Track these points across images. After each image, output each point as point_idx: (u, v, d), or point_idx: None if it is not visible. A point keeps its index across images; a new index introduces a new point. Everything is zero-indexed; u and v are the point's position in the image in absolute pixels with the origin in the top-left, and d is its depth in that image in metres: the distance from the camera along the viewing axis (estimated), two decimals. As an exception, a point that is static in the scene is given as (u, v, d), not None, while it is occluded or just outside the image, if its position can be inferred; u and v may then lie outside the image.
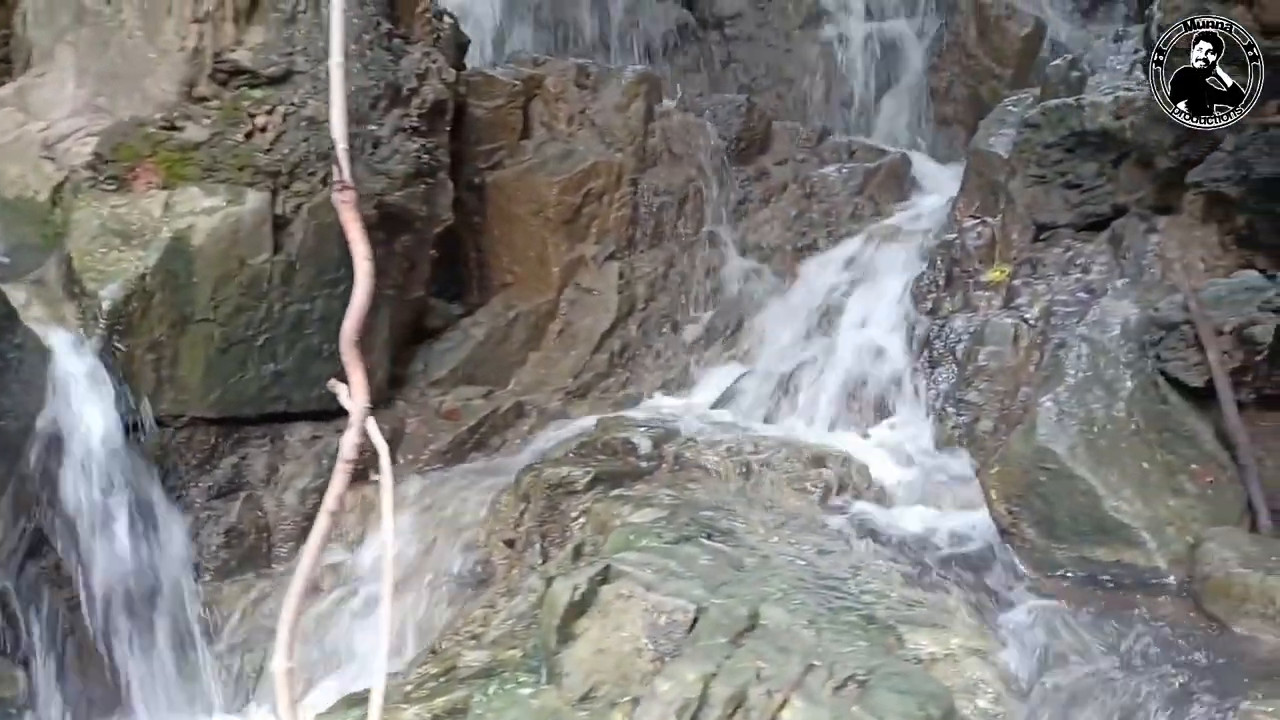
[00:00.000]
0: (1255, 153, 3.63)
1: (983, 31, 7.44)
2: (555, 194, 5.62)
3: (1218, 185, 3.82)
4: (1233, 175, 3.74)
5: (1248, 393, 3.20)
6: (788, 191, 6.45)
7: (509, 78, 5.86)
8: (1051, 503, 3.12)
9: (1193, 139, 4.03)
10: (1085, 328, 3.46)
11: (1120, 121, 4.47)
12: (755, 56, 8.10)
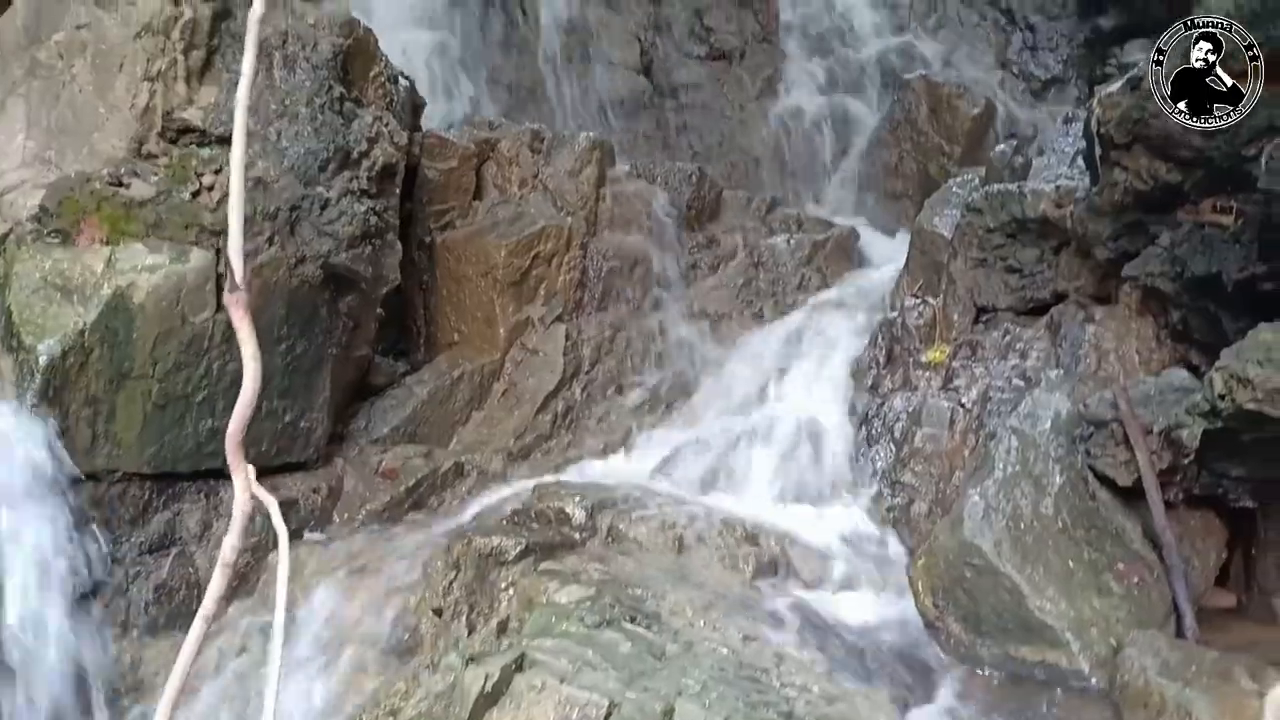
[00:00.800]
0: (1189, 251, 3.65)
1: (934, 110, 7.53)
2: (504, 256, 5.54)
3: (1153, 280, 3.83)
4: (1168, 271, 3.76)
5: (1176, 492, 3.18)
6: (736, 260, 6.42)
7: (463, 141, 5.81)
8: (977, 598, 3.05)
9: (1130, 232, 4.06)
10: (1016, 419, 3.42)
11: (1061, 210, 4.49)
12: (709, 125, 8.15)
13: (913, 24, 8.84)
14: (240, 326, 1.95)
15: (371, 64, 4.90)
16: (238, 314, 1.95)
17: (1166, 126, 3.62)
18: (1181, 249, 3.69)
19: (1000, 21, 9.08)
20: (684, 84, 8.25)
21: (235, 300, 1.95)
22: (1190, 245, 3.66)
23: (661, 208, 6.25)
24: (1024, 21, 9.00)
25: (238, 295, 1.95)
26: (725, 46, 8.41)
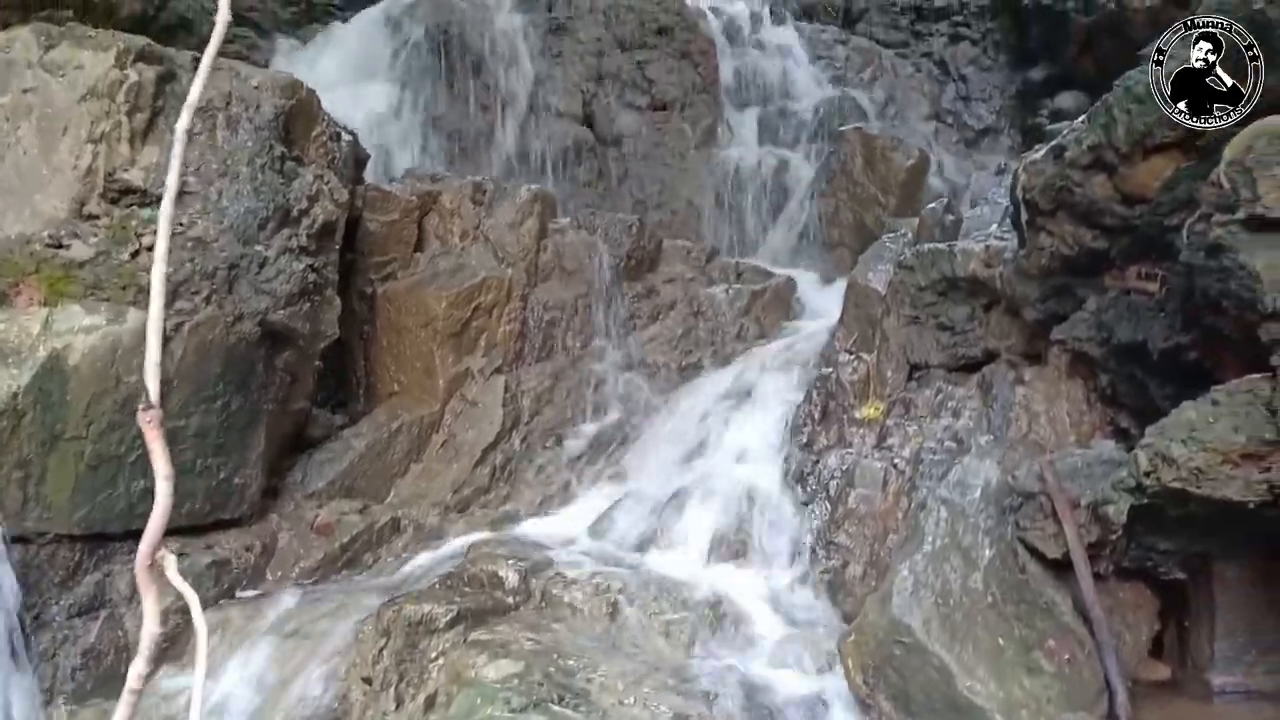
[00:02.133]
0: (1116, 317, 3.63)
1: (869, 161, 7.57)
2: (445, 307, 5.43)
3: (1080, 345, 3.81)
4: (1095, 337, 3.74)
5: (1106, 565, 3.13)
6: (675, 310, 6.38)
7: (405, 193, 5.71)
8: (906, 677, 2.96)
9: (1057, 295, 4.04)
10: (946, 489, 3.36)
11: (990, 270, 4.47)
12: (650, 174, 8.12)
13: (849, 76, 8.92)
14: (154, 447, 1.81)
15: (313, 124, 4.79)
16: (151, 434, 1.81)
17: (1090, 195, 3.61)
18: (1108, 315, 3.67)
19: (934, 73, 9.22)
20: (626, 134, 8.21)
21: (149, 419, 1.81)
22: (1116, 311, 3.64)
23: (602, 258, 6.18)
24: (957, 73, 9.14)
25: (152, 414, 1.81)
26: (666, 97, 8.40)
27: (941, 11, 9.41)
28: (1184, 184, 3.25)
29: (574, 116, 8.20)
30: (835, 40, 9.10)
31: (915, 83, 9.01)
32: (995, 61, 9.04)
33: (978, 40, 9.13)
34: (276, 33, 7.92)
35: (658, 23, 8.56)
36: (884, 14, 9.55)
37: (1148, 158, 3.35)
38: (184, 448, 4.10)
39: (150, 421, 1.81)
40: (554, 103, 8.13)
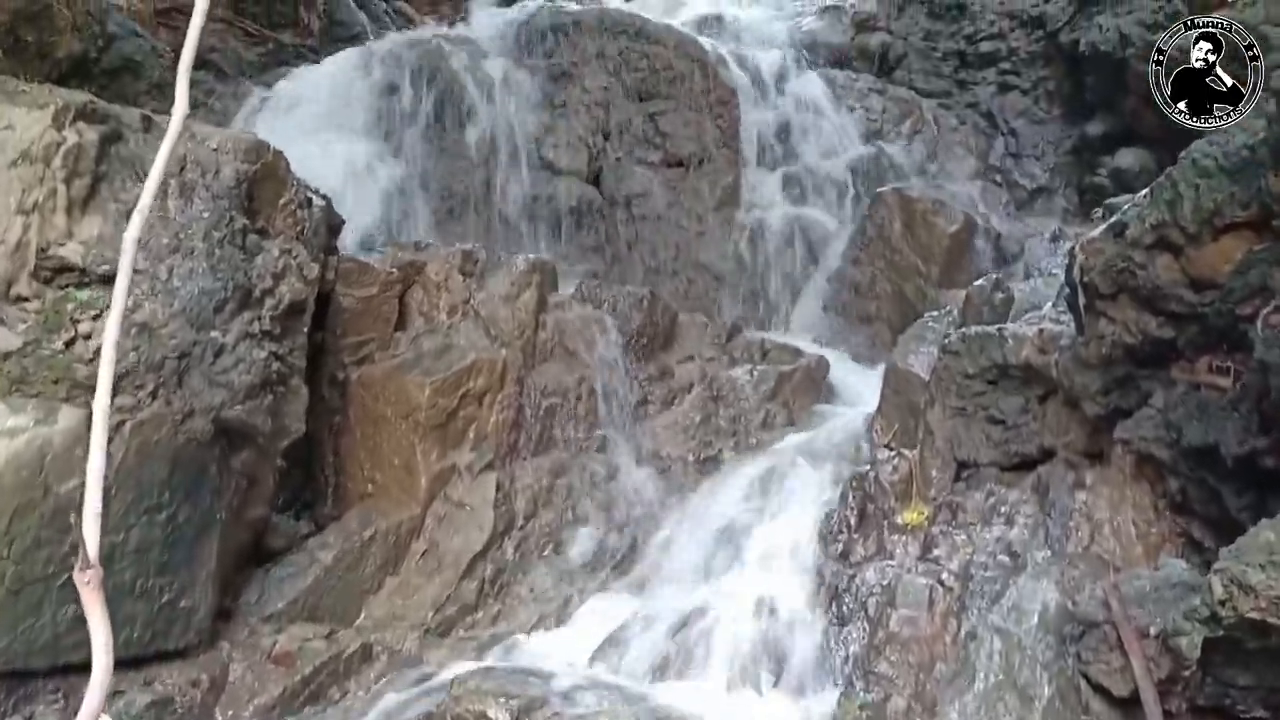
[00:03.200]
0: (1185, 415, 3.64)
1: (908, 225, 7.64)
2: (429, 394, 5.46)
3: (1146, 445, 3.81)
4: (1163, 437, 3.74)
5: (1179, 703, 3.09)
6: (693, 394, 6.41)
7: (385, 264, 5.78)
8: (959, 839, 2.92)
9: (1120, 387, 4.05)
10: (999, 616, 3.34)
11: (1045, 357, 4.50)
12: (664, 238, 8.20)
13: (886, 129, 9.04)
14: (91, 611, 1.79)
15: (281, 189, 4.86)
16: (89, 596, 1.80)
17: (1154, 278, 3.65)
18: (1176, 412, 3.68)
19: (980, 126, 9.33)
20: (636, 193, 8.31)
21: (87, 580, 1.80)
22: (1185, 409, 3.65)
23: (609, 336, 6.24)
24: (1006, 126, 9.25)
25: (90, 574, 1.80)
26: (682, 153, 8.52)
27: (988, 58, 9.55)
28: (1258, 268, 3.28)
29: (578, 174, 8.32)
30: (870, 90, 9.23)
31: (959, 137, 9.12)
32: (1048, 114, 9.15)
33: (1028, 90, 9.25)
34: (240, 77, 8.10)
35: (672, 70, 8.71)
36: (924, 61, 9.71)
37: (1218, 238, 3.39)
38: (122, 566, 4.07)
39: (89, 583, 1.80)
40: (556, 158, 8.26)
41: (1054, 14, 9.09)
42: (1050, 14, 9.13)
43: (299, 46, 8.66)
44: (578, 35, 8.73)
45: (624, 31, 8.75)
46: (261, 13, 8.76)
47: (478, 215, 7.81)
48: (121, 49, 6.34)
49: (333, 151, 7.34)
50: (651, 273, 8.04)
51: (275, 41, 8.64)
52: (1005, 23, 9.50)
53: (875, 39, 9.90)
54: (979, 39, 9.68)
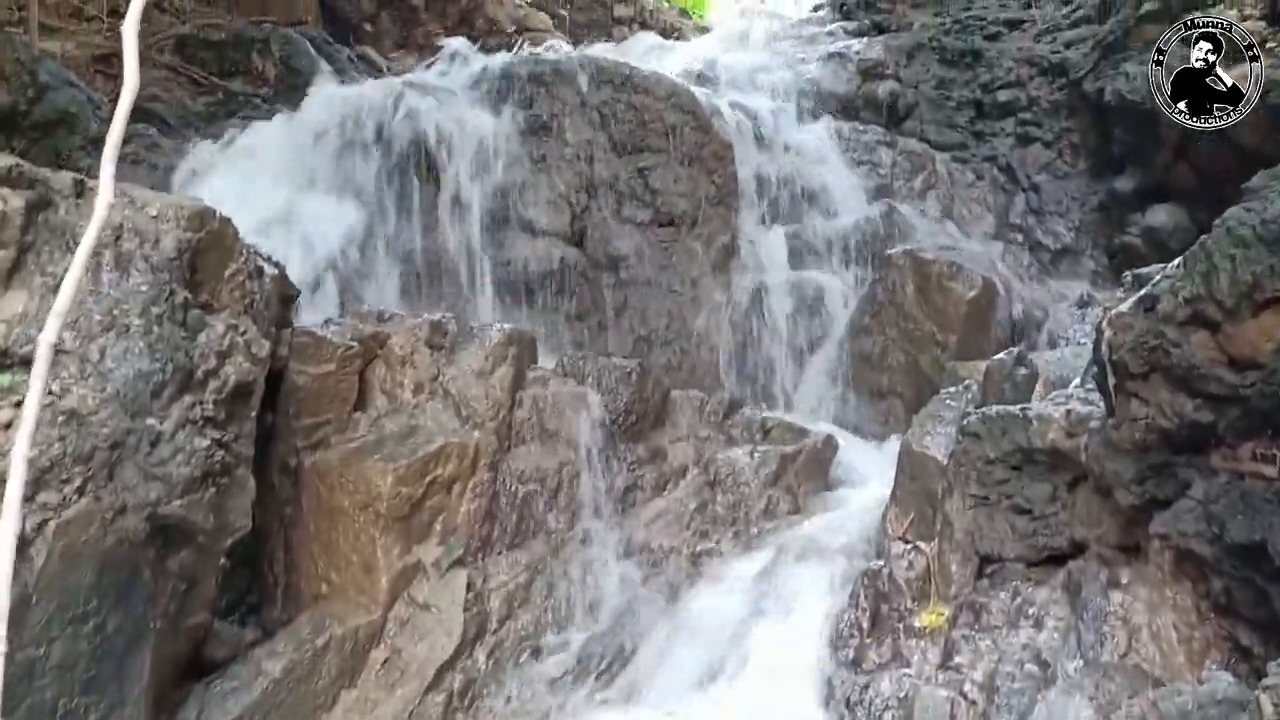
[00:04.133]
0: (1228, 508, 3.61)
1: (922, 290, 7.67)
2: (391, 482, 5.42)
3: (1187, 541, 3.78)
4: (1204, 531, 3.71)
5: (1228, 839, 3.03)
6: (687, 478, 6.40)
7: (344, 338, 5.76)
8: None
9: (1156, 475, 4.03)
10: (1029, 741, 3.28)
11: (1073, 441, 4.48)
12: (655, 305, 8.23)
13: (897, 184, 9.13)
14: None
15: (228, 259, 4.86)
16: None
17: (1190, 356, 3.64)
18: (1218, 505, 3.65)
19: (999, 181, 9.44)
20: (623, 255, 8.36)
21: None
22: (1228, 501, 3.62)
23: (593, 415, 6.23)
24: (1027, 181, 9.35)
25: None
26: (673, 211, 8.59)
27: (1006, 108, 9.71)
28: (1306, 348, 3.29)
29: (560, 234, 8.37)
30: (879, 142, 9.36)
31: (977, 193, 9.23)
32: (1073, 167, 9.28)
33: (1051, 142, 9.39)
34: (186, 129, 8.16)
35: (663, 122, 8.81)
36: (937, 110, 9.87)
37: (1258, 314, 3.39)
38: (42, 684, 3.96)
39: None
40: (535, 217, 8.32)
41: (1076, 61, 9.25)
42: (1073, 61, 9.28)
43: (252, 96, 8.76)
44: (559, 84, 8.82)
45: (609, 81, 8.85)
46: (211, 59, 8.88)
47: (448, 280, 7.83)
48: (54, 100, 6.36)
49: (289, 212, 7.37)
50: (641, 343, 8.06)
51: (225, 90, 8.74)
52: (1024, 70, 9.67)
53: (883, 88, 10.06)
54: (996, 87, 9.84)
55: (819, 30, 11.80)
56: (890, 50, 10.43)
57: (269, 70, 9.11)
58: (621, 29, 14.19)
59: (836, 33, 11.56)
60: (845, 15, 12.23)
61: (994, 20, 10.57)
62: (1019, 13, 10.55)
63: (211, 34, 9.36)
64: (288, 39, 9.47)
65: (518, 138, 8.58)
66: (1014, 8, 10.66)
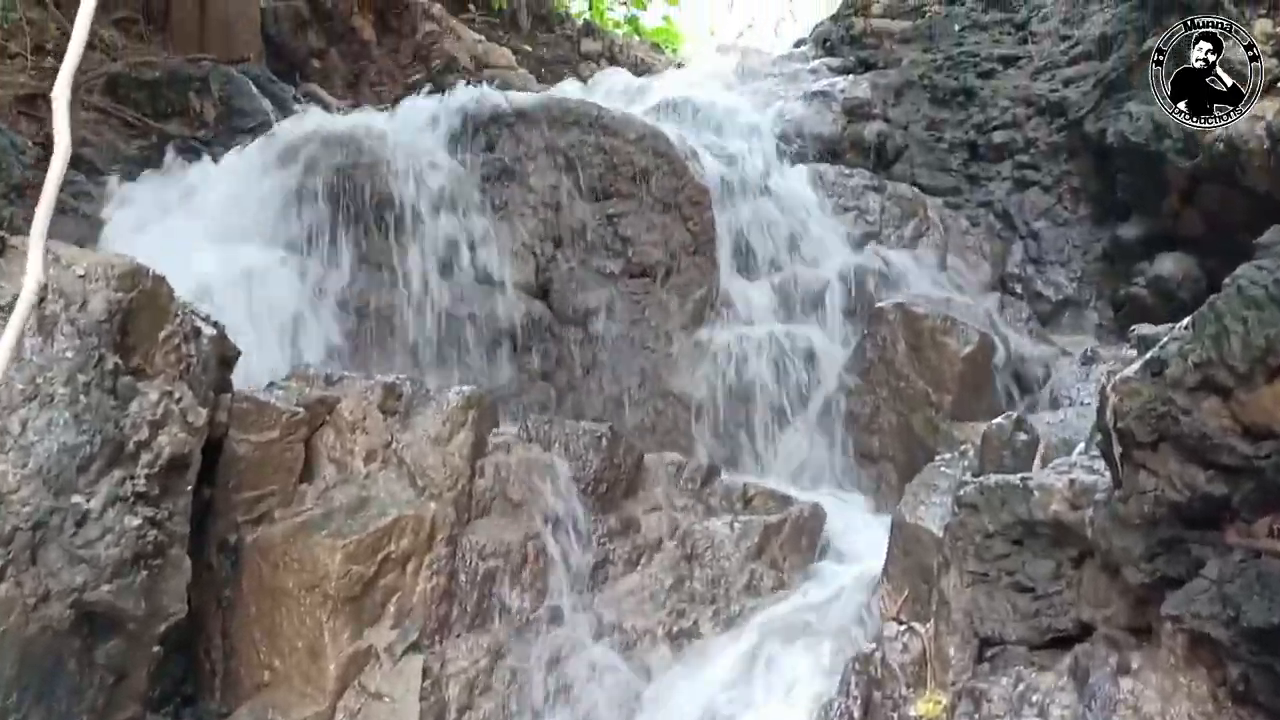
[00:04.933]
0: (1244, 589, 3.63)
1: (914, 347, 7.71)
2: (340, 561, 5.40)
3: (1201, 624, 3.79)
4: (1218, 614, 3.72)
5: None
6: (663, 552, 6.38)
7: (289, 402, 5.77)
8: None
9: (1167, 552, 4.04)
10: None
11: (1078, 513, 4.50)
12: (627, 362, 8.24)
13: (886, 231, 9.21)
14: None
15: (163, 320, 4.87)
16: None
17: (1200, 425, 3.67)
18: (1233, 585, 3.67)
19: (996, 228, 9.54)
20: (593, 309, 8.38)
21: None
22: (1244, 581, 3.64)
23: (561, 483, 6.24)
24: (1025, 228, 9.46)
25: None
26: (646, 261, 8.62)
27: (1002, 150, 9.83)
28: (1325, 418, 3.32)
29: (524, 287, 8.40)
30: (866, 187, 9.43)
31: (972, 241, 9.31)
32: (1074, 214, 9.38)
33: (1050, 186, 9.50)
34: (117, 175, 8.16)
35: (634, 165, 8.85)
36: (927, 153, 9.98)
37: (1272, 380, 3.42)
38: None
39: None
40: (497, 269, 8.34)
41: (1076, 100, 9.39)
42: (1072, 100, 9.42)
43: (189, 139, 8.77)
44: (522, 126, 8.87)
45: (576, 122, 8.90)
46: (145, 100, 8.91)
47: (402, 338, 7.82)
48: (-25, 147, 6.40)
49: (229, 264, 7.37)
50: (612, 404, 8.06)
51: (160, 133, 8.77)
52: (1020, 110, 9.81)
53: (870, 129, 10.18)
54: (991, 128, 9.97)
55: (801, 67, 11.91)
56: (877, 89, 10.55)
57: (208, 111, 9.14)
58: (589, 65, 14.30)
59: (819, 70, 11.68)
60: (829, 51, 12.37)
61: (988, 57, 10.72)
62: (1014, 49, 10.70)
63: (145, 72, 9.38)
64: (228, 77, 9.51)
65: (478, 183, 8.61)
66: (1009, 43, 10.82)
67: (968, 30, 11.26)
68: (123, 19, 10.75)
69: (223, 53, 10.51)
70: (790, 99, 10.67)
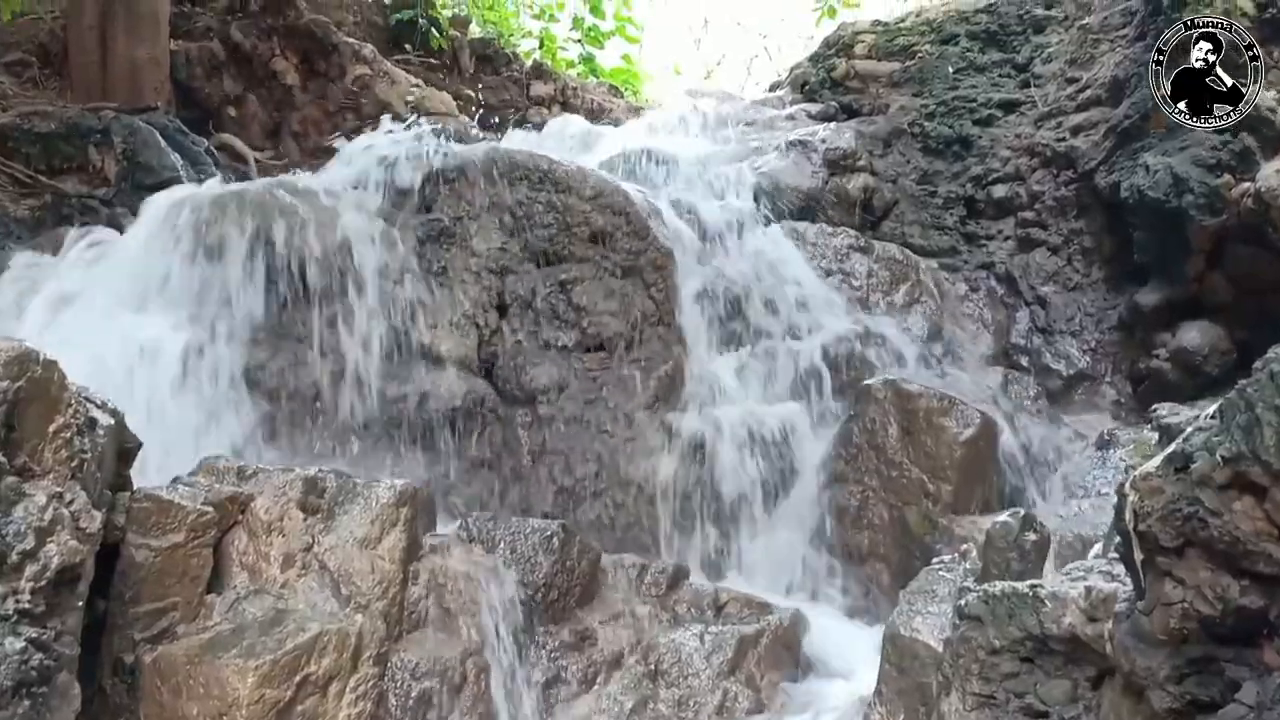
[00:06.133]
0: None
1: (908, 430, 7.72)
2: (252, 685, 5.31)
3: (1239, 760, 3.75)
4: (1259, 747, 3.69)
5: None
6: (623, 669, 6.36)
7: (194, 501, 5.69)
8: None
9: (1199, 672, 4.01)
10: None
11: (1096, 626, 4.46)
12: (581, 448, 8.21)
13: (874, 298, 9.25)
14: None
15: (54, 412, 4.79)
16: None
17: (1232, 528, 3.64)
18: (1273, 713, 3.62)
19: (998, 293, 9.61)
20: (543, 388, 8.37)
21: None
22: (1289, 705, 3.61)
23: (505, 590, 6.22)
24: (1031, 294, 9.53)
25: None
26: (604, 333, 8.63)
27: (1003, 205, 9.91)
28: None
29: (464, 363, 8.38)
30: (851, 247, 9.49)
31: (971, 308, 9.38)
32: (1085, 277, 9.46)
33: (1058, 247, 9.59)
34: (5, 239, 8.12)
35: (590, 225, 8.89)
36: (920, 209, 10.06)
37: (1313, 479, 3.41)
38: None
39: None
40: (434, 342, 8.33)
41: (1086, 150, 9.49)
42: (1081, 150, 9.52)
43: (87, 198, 8.73)
44: (463, 182, 8.90)
45: (525, 177, 8.94)
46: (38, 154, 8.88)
47: (326, 422, 7.77)
48: None
49: (128, 341, 7.31)
50: (564, 496, 8.02)
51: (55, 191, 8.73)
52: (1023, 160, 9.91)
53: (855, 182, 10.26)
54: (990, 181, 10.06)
55: (777, 113, 12.03)
56: (863, 137, 10.65)
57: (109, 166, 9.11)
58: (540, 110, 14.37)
59: (798, 116, 11.80)
60: (808, 96, 12.49)
61: (986, 102, 10.83)
62: (1015, 93, 10.81)
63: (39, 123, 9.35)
64: (132, 129, 9.49)
65: (414, 246, 8.62)
66: (1009, 87, 10.92)
67: (963, 72, 11.38)
68: (14, 62, 10.77)
69: (127, 100, 10.51)
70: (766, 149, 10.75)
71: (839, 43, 12.85)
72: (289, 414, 7.74)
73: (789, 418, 8.33)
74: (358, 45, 13.30)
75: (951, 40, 11.85)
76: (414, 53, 14.57)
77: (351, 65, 12.98)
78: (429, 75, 14.24)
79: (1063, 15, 11.15)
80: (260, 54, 12.58)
